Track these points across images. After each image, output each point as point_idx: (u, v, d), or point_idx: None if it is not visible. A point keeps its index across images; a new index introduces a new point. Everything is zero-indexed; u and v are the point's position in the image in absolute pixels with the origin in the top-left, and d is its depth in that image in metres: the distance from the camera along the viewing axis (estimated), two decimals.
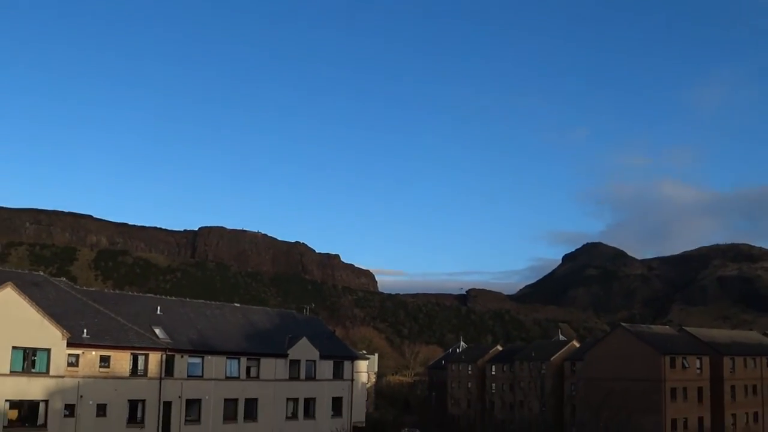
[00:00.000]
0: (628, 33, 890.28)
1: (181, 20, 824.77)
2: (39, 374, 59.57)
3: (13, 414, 58.22)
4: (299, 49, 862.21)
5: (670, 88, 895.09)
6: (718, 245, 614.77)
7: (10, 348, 57.93)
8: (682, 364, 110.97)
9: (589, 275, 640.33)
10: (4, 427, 56.67)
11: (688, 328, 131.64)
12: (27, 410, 58.88)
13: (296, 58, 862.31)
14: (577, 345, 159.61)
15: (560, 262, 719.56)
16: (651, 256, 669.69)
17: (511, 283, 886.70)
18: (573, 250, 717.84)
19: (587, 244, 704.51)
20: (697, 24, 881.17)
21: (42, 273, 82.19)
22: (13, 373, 57.90)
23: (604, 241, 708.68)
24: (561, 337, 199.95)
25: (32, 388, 58.77)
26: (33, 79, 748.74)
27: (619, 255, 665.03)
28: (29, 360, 59.32)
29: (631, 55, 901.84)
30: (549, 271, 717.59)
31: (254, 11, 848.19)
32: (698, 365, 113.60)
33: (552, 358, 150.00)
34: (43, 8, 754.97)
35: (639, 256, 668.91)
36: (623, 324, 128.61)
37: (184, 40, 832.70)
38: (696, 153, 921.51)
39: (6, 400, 57.25)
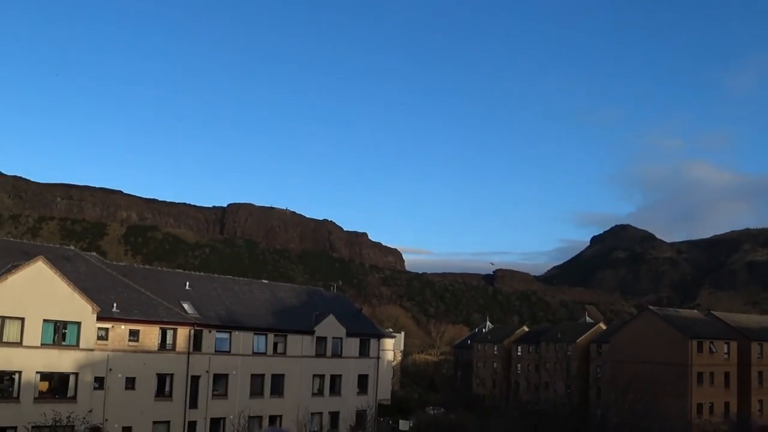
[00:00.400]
0: (662, 13, 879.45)
1: None
2: (69, 347, 60.40)
3: (44, 386, 59.16)
4: (323, 24, 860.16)
5: (705, 70, 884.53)
6: (748, 229, 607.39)
7: (41, 321, 58.75)
8: (710, 348, 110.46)
9: (617, 257, 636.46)
10: (35, 398, 57.59)
11: (716, 313, 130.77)
12: (57, 382, 59.81)
13: (322, 33, 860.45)
14: (604, 327, 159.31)
15: (588, 243, 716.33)
16: (680, 240, 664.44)
17: (539, 264, 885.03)
18: (602, 231, 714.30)
19: (616, 226, 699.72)
20: (733, 5, 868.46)
21: (73, 247, 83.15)
22: (44, 345, 58.77)
23: (634, 224, 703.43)
24: (588, 319, 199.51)
25: (63, 361, 59.64)
26: (62, 54, 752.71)
27: (648, 238, 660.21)
28: (60, 333, 60.15)
29: (666, 35, 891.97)
30: (577, 252, 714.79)
31: None
32: (726, 350, 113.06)
33: (578, 340, 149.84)
34: None
35: (668, 239, 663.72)
36: (650, 307, 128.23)
37: (212, 15, 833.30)
38: (729, 136, 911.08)
39: (37, 372, 58.16)
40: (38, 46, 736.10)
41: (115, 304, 65.48)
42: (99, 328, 63.24)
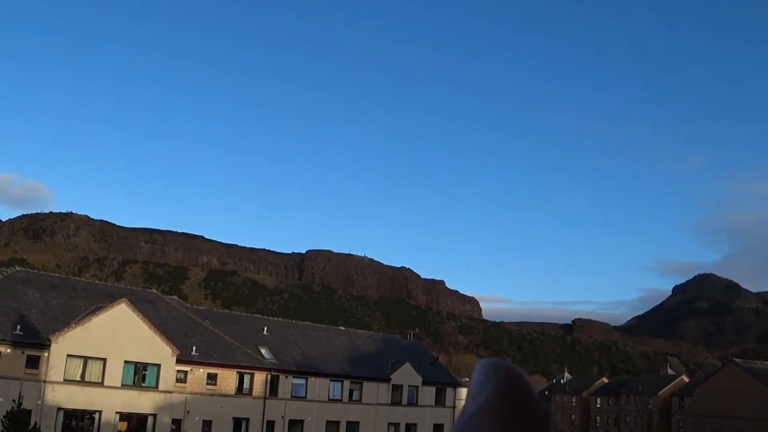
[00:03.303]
0: (748, 58, 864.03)
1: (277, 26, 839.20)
2: (149, 389, 61.40)
3: (123, 426, 60.13)
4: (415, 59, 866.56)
5: None
6: None
7: (123, 362, 59.92)
8: None
9: (701, 308, 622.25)
10: None
11: None
12: (136, 423, 60.74)
13: (410, 71, 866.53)
14: (687, 380, 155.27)
15: (670, 293, 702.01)
16: (767, 289, 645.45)
17: (619, 314, 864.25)
18: (684, 281, 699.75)
19: (699, 275, 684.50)
20: None
21: (155, 291, 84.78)
22: (124, 386, 59.89)
23: (719, 272, 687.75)
24: (669, 371, 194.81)
25: (142, 402, 60.59)
26: (148, 107, 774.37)
27: (732, 287, 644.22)
28: (140, 374, 61.26)
29: (757, 81, 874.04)
30: (659, 302, 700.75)
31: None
32: None
33: (660, 393, 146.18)
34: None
35: (754, 289, 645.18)
36: (736, 359, 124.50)
37: (295, 54, 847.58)
38: None
39: (117, 412, 59.20)
40: (114, 101, 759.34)
41: (194, 348, 66.42)
42: (178, 371, 64.20)
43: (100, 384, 58.80)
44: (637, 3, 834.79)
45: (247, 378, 70.70)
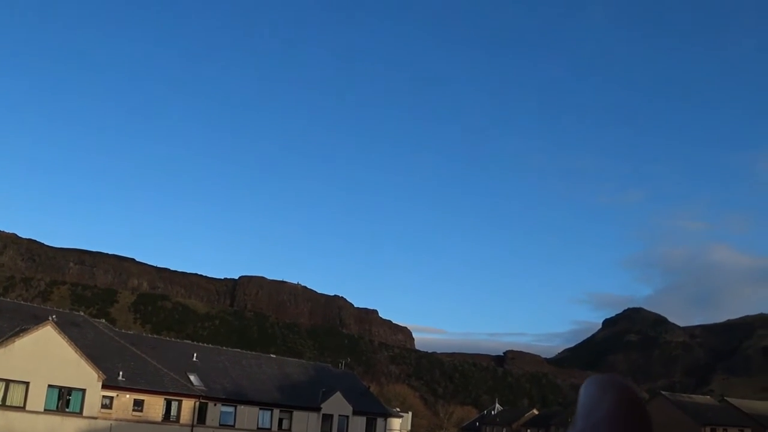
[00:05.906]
0: (694, 93, 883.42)
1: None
2: (73, 414, 59.88)
3: None
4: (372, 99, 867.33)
5: (733, 150, 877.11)
6: (763, 314, 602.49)
7: (46, 386, 58.36)
8: None
9: (630, 341, 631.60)
10: None
11: (730, 399, 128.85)
12: None
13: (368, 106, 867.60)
14: None
15: (601, 326, 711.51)
16: (695, 324, 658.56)
17: (551, 346, 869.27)
18: (615, 314, 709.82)
19: (629, 308, 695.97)
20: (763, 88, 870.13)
21: (82, 313, 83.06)
22: (47, 411, 58.30)
23: (650, 307, 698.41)
24: None
25: (65, 428, 59.00)
26: (80, 124, 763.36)
27: (661, 321, 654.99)
28: (64, 399, 59.70)
29: (693, 120, 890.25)
30: (589, 335, 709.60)
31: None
32: None
33: None
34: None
35: (683, 323, 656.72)
36: (663, 392, 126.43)
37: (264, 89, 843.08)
38: (752, 219, 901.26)
39: None
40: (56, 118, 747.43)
41: (121, 373, 65.05)
42: (104, 396, 62.81)
43: (22, 408, 57.10)
44: (580, 35, 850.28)
45: (174, 405, 69.41)
